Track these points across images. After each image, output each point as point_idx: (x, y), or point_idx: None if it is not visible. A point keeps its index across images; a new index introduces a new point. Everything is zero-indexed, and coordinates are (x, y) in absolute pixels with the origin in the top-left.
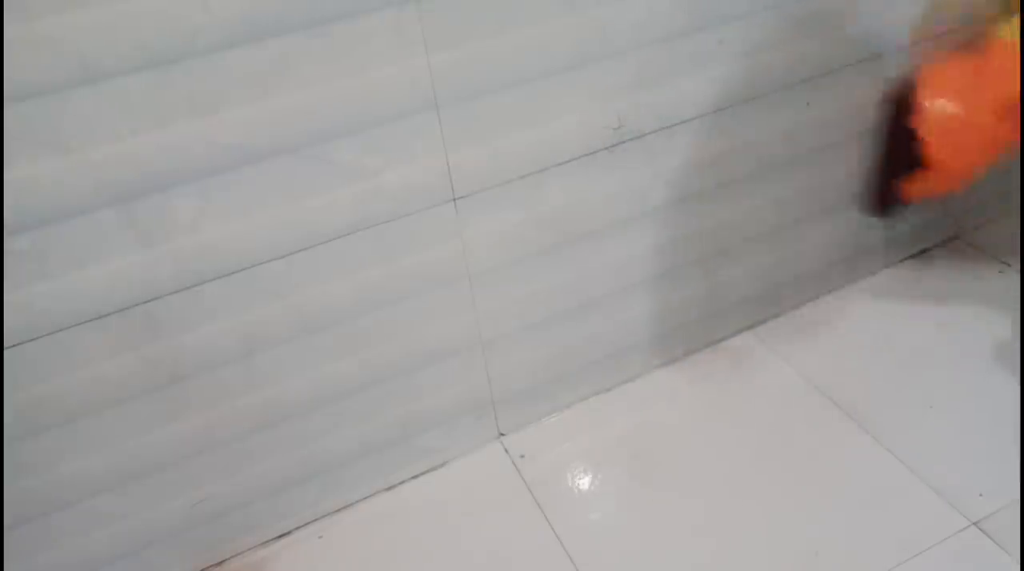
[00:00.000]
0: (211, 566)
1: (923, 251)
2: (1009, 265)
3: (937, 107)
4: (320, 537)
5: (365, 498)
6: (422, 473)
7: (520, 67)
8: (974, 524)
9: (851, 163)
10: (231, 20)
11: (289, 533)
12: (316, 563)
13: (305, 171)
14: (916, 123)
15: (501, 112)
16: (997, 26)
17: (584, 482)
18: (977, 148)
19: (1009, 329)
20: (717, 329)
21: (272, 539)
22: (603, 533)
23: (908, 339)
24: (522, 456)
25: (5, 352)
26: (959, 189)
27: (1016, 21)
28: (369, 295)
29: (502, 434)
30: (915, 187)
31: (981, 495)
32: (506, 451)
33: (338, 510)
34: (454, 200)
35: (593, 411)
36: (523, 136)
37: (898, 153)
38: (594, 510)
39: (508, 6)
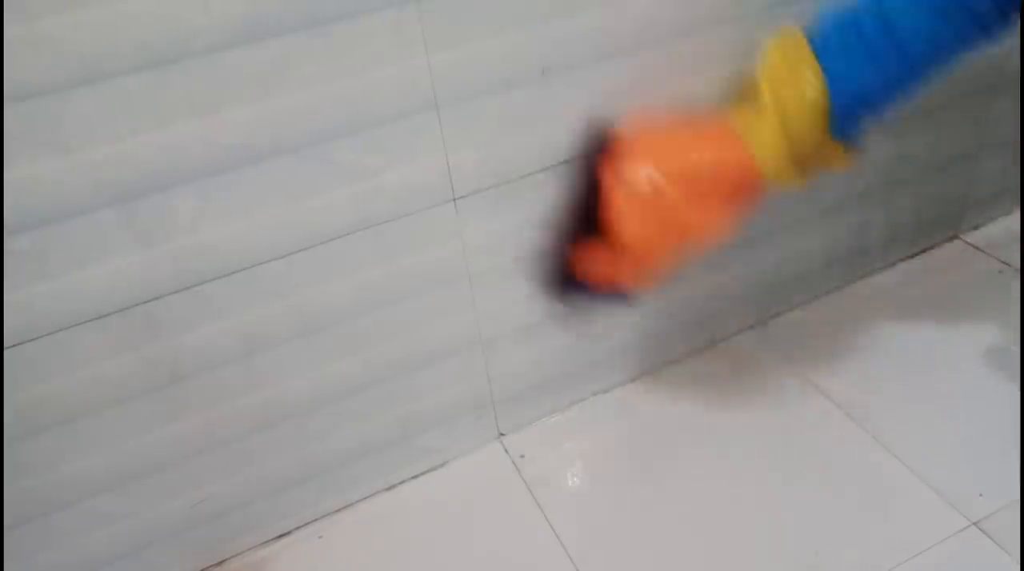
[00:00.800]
0: (211, 566)
1: (923, 251)
2: (1009, 265)
3: (632, 171)
4: (320, 537)
5: (365, 498)
6: (422, 473)
7: (520, 67)
8: (974, 524)
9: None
10: (231, 20)
11: (289, 533)
12: (316, 563)
13: (305, 171)
14: (608, 187)
15: (501, 112)
16: (731, 108)
17: (584, 482)
18: (659, 225)
19: (1009, 329)
20: (717, 329)
21: (272, 539)
22: (603, 533)
23: (908, 339)
24: (522, 456)
25: (5, 352)
26: (643, 282)
27: (747, 113)
28: (369, 295)
29: (502, 434)
30: (597, 259)
31: (981, 495)
32: (506, 451)
33: (338, 510)
34: (454, 200)
35: (593, 411)
36: (523, 136)
37: (583, 211)
38: (594, 510)
39: (508, 6)
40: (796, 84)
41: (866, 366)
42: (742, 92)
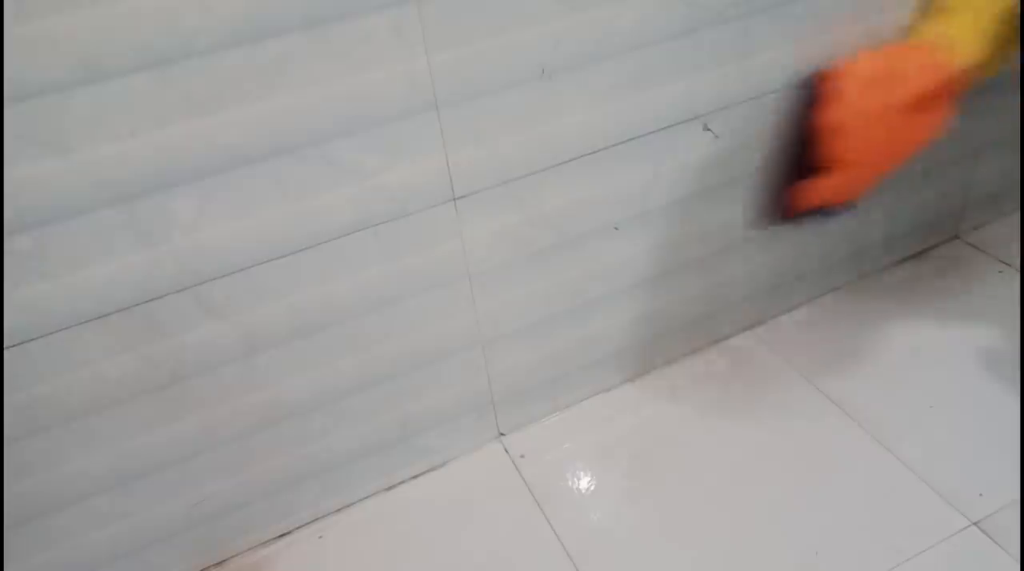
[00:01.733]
0: (211, 566)
1: (923, 251)
2: (1009, 265)
3: (847, 99)
4: (320, 537)
5: (365, 498)
6: (422, 473)
7: (520, 67)
8: (974, 524)
9: None
10: (231, 20)
11: (289, 533)
12: (316, 563)
13: (305, 171)
14: (822, 116)
15: (501, 112)
16: (918, 23)
17: (584, 482)
18: (885, 147)
19: (1009, 329)
20: (717, 329)
21: (272, 539)
22: (603, 533)
23: (908, 339)
24: (522, 456)
25: (5, 352)
26: (860, 195)
27: (937, 21)
28: (369, 295)
29: (502, 434)
30: (815, 191)
31: (981, 495)
32: (506, 451)
33: (338, 510)
34: (454, 200)
35: (593, 411)
36: (523, 136)
37: (800, 150)
38: (594, 510)
39: (508, 6)
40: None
41: (866, 366)
42: (931, 9)
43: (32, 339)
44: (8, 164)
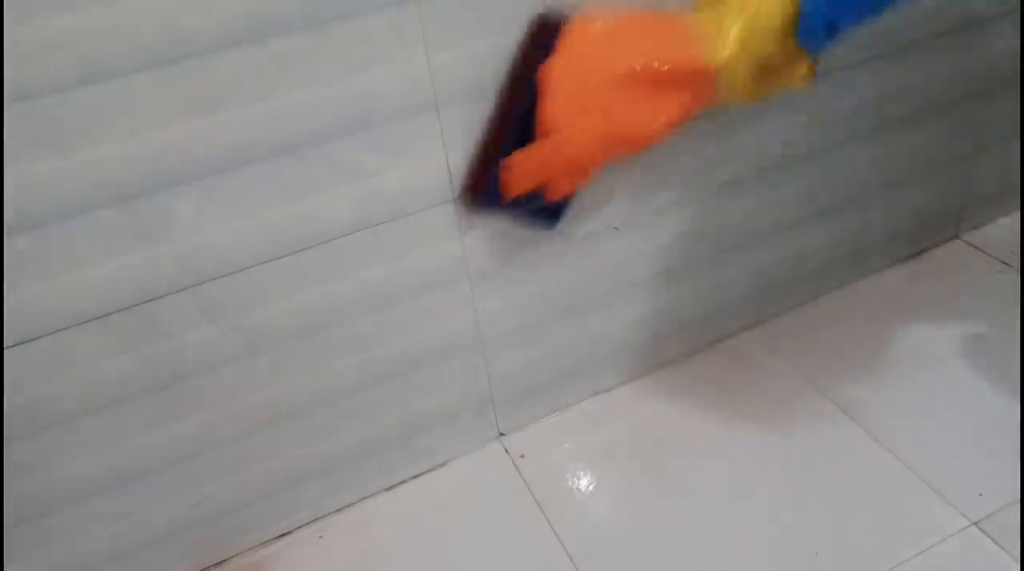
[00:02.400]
0: (211, 566)
1: (923, 251)
2: (1009, 265)
3: (571, 54)
4: (320, 537)
5: (365, 498)
6: (422, 473)
7: None
8: (974, 524)
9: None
10: (231, 20)
11: (289, 533)
12: (316, 563)
13: (305, 171)
14: (544, 70)
15: None
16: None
17: (584, 482)
18: (602, 124)
19: (1009, 329)
20: (717, 329)
21: (272, 539)
22: (603, 533)
23: (908, 339)
24: (522, 456)
25: (5, 352)
26: (573, 184)
27: (711, 5)
28: (369, 295)
29: (502, 434)
30: (525, 164)
31: (981, 495)
32: (506, 451)
33: (338, 510)
34: (454, 200)
35: (593, 411)
36: None
37: (513, 112)
38: (594, 510)
39: (508, 6)
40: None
41: (866, 366)
42: None
43: (32, 339)
44: (8, 164)
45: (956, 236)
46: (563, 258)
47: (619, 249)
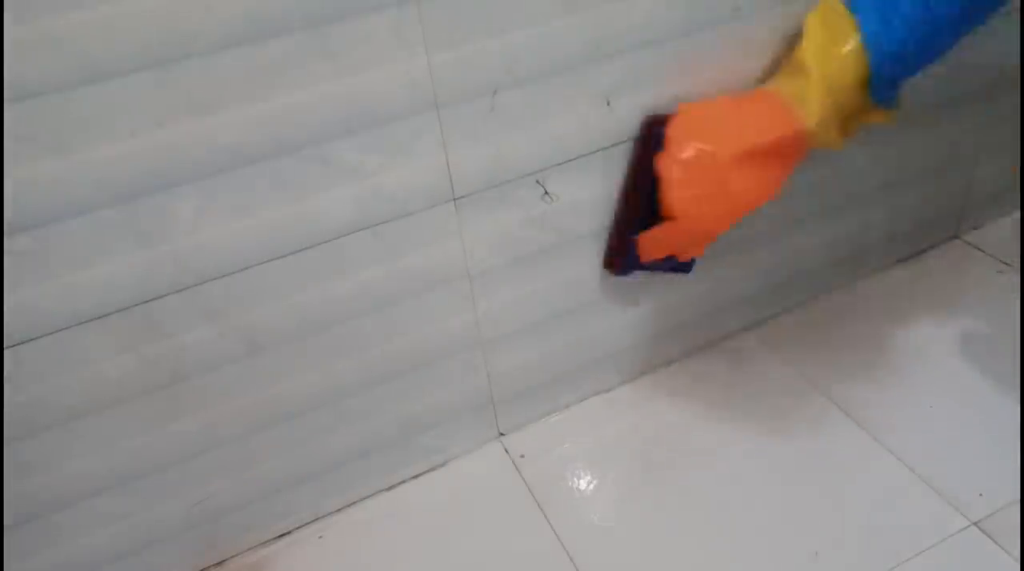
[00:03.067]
0: (211, 566)
1: (923, 251)
2: (1009, 265)
3: (682, 146)
4: (320, 537)
5: (365, 498)
6: (422, 473)
7: (520, 67)
8: (974, 524)
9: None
10: (231, 20)
11: (289, 533)
12: (316, 563)
13: (305, 171)
14: (657, 162)
15: (501, 112)
16: (772, 77)
17: (584, 482)
18: (716, 201)
19: (1009, 329)
20: (717, 329)
21: (272, 539)
22: (603, 533)
23: (908, 339)
24: (522, 456)
25: (5, 352)
26: (701, 250)
27: (789, 78)
28: (369, 295)
29: (502, 434)
30: (656, 241)
31: (981, 495)
32: (506, 451)
33: (338, 510)
34: (454, 200)
35: (593, 411)
36: (523, 136)
37: (641, 197)
38: (594, 510)
39: (508, 6)
40: (838, 51)
41: (866, 366)
42: (786, 62)
43: (32, 339)
44: (8, 164)
45: (956, 236)
46: (563, 258)
47: None
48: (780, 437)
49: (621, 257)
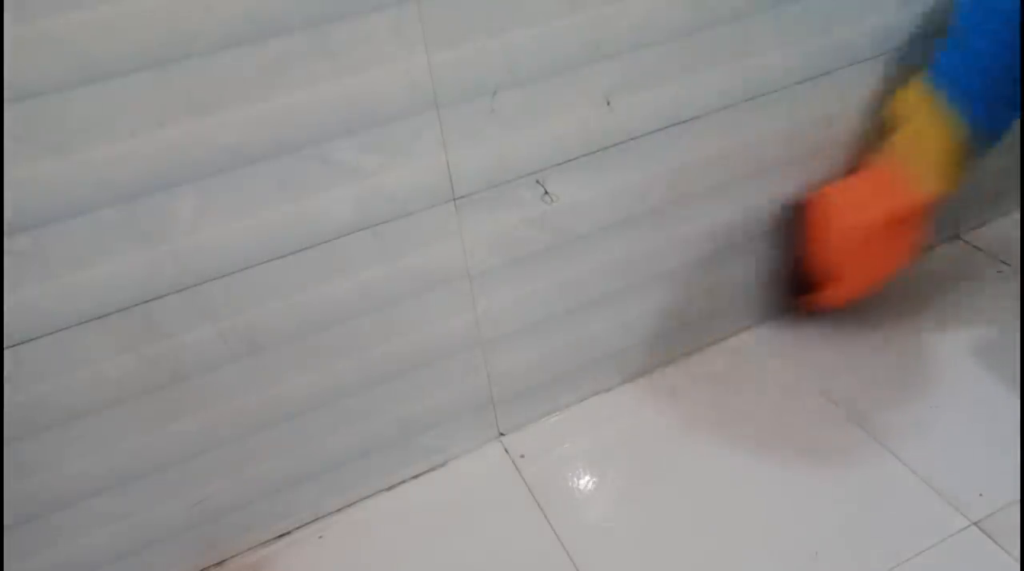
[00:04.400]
0: (211, 566)
1: (923, 251)
2: (1009, 265)
3: (839, 223)
4: (320, 537)
5: (365, 498)
6: (422, 473)
7: (520, 67)
8: (974, 524)
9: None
10: (231, 20)
11: (289, 533)
12: (316, 563)
13: (305, 171)
14: (814, 242)
15: (501, 112)
16: (877, 147)
17: (584, 482)
18: (881, 258)
19: (1009, 329)
20: (717, 329)
21: (272, 539)
22: (603, 533)
23: (908, 339)
24: (522, 456)
25: (5, 352)
26: (858, 300)
27: (894, 154)
28: (369, 295)
29: (502, 434)
30: (817, 300)
31: (981, 495)
32: (506, 451)
33: (338, 510)
34: (454, 200)
35: (593, 411)
36: (523, 136)
37: (797, 269)
38: (594, 510)
39: (508, 6)
40: (936, 137)
41: (866, 366)
42: (891, 145)
43: (32, 339)
44: (8, 164)
45: (956, 236)
46: (563, 258)
47: (619, 249)
48: (779, 437)
49: (800, 308)
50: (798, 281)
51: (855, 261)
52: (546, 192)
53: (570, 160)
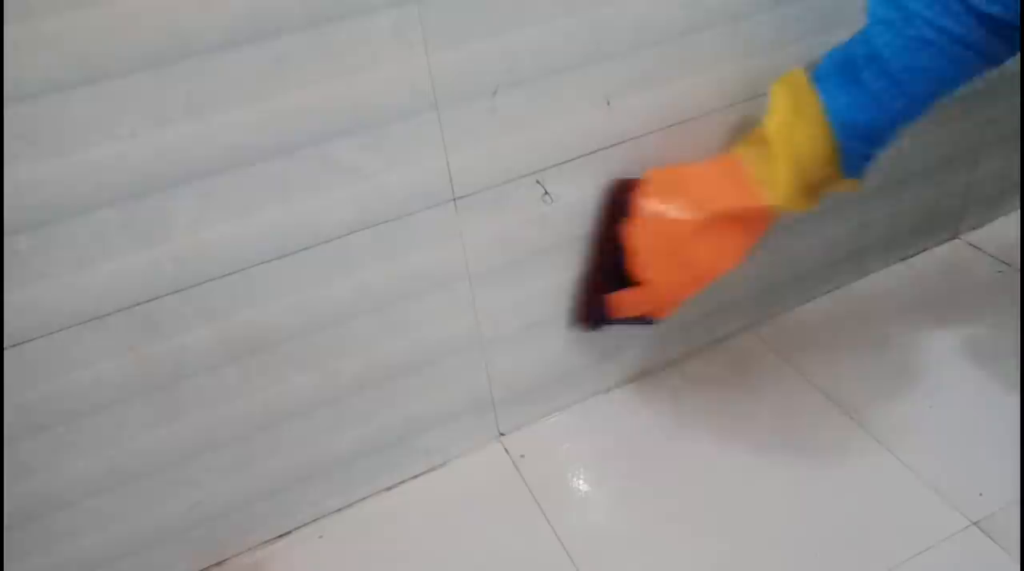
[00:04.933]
0: (211, 566)
1: (923, 251)
2: (1009, 265)
3: (647, 213)
4: (320, 537)
5: (365, 498)
6: (422, 473)
7: (520, 67)
8: (974, 524)
9: None
10: (231, 20)
11: (289, 533)
12: (316, 563)
13: (305, 171)
14: (626, 229)
15: (501, 112)
16: (736, 147)
17: (584, 482)
18: (680, 267)
19: (1009, 329)
20: (717, 329)
21: (272, 539)
22: (603, 533)
23: (908, 339)
24: (522, 456)
25: (5, 352)
26: (665, 314)
27: (758, 149)
28: (369, 295)
29: (502, 434)
30: (622, 303)
31: (981, 495)
32: (506, 451)
33: (338, 510)
34: (454, 200)
35: (593, 411)
36: (523, 136)
37: (607, 259)
38: (594, 510)
39: (508, 6)
40: (804, 130)
41: (866, 366)
42: (752, 134)
43: (32, 339)
44: (8, 164)
45: (956, 236)
46: (563, 258)
47: None
48: (780, 437)
49: (593, 314)
50: (602, 277)
51: (665, 262)
52: (546, 192)
53: (570, 160)
